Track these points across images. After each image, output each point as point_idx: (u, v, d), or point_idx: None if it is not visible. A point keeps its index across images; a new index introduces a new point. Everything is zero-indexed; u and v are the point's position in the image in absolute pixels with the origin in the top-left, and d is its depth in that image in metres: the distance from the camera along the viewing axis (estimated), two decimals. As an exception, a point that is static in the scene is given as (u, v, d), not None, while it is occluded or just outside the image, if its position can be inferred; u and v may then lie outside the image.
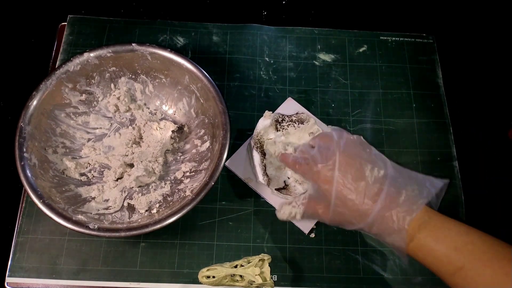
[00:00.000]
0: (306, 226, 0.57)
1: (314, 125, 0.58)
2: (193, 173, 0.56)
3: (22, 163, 0.50)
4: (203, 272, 0.51)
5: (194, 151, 0.58)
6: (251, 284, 0.51)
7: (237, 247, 0.56)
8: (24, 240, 0.55)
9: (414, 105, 0.66)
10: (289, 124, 0.58)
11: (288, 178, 0.57)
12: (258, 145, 0.57)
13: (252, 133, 0.58)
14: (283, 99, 0.64)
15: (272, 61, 0.67)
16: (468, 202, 0.60)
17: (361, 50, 0.69)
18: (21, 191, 0.58)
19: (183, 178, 0.56)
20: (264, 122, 0.57)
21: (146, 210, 0.54)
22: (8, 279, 0.53)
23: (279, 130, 0.58)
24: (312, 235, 0.57)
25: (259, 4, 0.72)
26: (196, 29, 0.69)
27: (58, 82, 0.54)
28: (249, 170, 0.59)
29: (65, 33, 0.67)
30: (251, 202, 0.59)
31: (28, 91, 0.53)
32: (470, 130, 0.66)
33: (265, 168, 0.56)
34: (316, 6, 0.74)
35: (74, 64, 0.55)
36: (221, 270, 0.51)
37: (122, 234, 0.47)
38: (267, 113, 0.58)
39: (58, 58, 0.65)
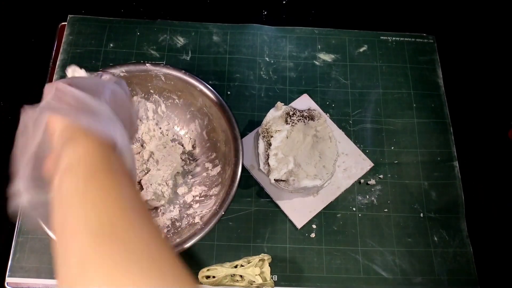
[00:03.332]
0: (299, 221, 0.57)
1: (324, 124, 0.58)
2: (203, 198, 0.55)
3: (22, 163, 0.49)
4: (203, 272, 0.51)
5: (204, 174, 0.58)
6: (251, 284, 0.51)
7: (237, 247, 0.56)
8: (24, 240, 0.55)
9: (414, 105, 0.66)
10: (299, 119, 0.58)
11: (290, 172, 0.57)
12: (266, 134, 0.57)
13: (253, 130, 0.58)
14: (283, 99, 0.64)
15: (272, 61, 0.67)
16: (468, 202, 0.60)
17: (361, 50, 0.69)
18: (21, 191, 0.58)
19: (192, 203, 0.56)
20: (275, 113, 0.57)
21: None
22: (8, 279, 0.53)
23: (289, 123, 0.58)
24: (312, 235, 0.57)
25: (259, 4, 0.72)
26: (196, 29, 0.69)
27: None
28: (253, 158, 0.60)
29: (65, 33, 0.67)
30: (251, 202, 0.59)
31: (28, 91, 0.53)
32: (470, 130, 0.66)
33: (268, 157, 0.56)
34: (316, 6, 0.74)
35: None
36: (221, 270, 0.51)
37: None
38: (279, 104, 0.58)
39: (58, 58, 0.65)
